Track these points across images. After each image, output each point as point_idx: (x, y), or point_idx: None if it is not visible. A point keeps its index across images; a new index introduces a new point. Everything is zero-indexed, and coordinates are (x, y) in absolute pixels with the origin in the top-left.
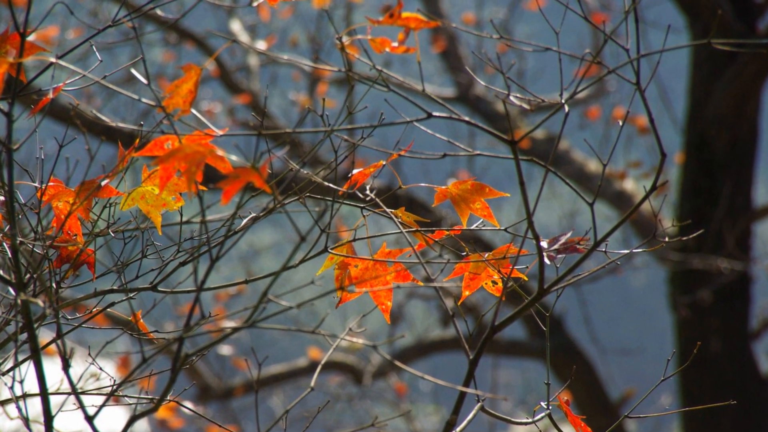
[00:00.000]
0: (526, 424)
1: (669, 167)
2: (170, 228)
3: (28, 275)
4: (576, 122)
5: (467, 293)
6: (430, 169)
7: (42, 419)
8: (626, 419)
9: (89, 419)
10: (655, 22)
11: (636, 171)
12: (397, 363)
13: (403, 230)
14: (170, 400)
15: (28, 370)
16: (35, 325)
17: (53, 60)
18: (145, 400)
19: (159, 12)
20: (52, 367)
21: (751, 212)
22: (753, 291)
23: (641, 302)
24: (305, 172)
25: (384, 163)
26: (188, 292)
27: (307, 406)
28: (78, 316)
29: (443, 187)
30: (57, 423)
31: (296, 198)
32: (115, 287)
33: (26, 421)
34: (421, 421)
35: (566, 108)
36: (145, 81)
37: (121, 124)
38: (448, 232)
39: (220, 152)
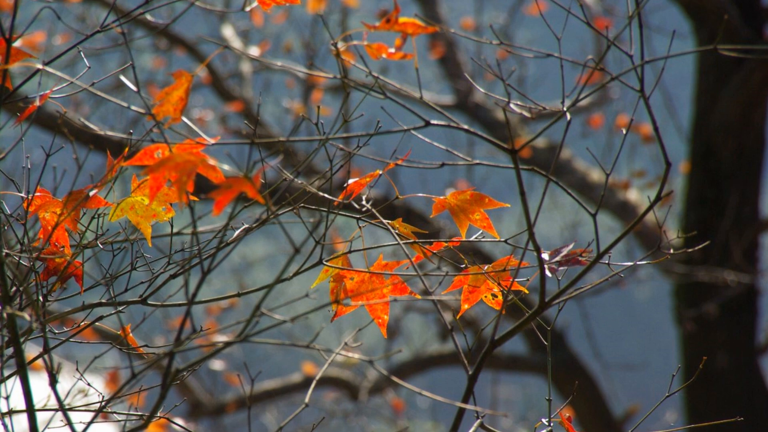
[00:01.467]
0: None
1: (674, 177)
2: (160, 239)
3: (14, 288)
4: (578, 131)
5: (466, 306)
6: (428, 179)
7: None
8: None
9: None
10: (659, 27)
11: (640, 181)
12: (394, 378)
13: (401, 242)
14: (160, 417)
15: (14, 385)
16: (21, 340)
17: (40, 66)
18: (134, 417)
19: (149, 17)
20: (38, 382)
21: (759, 223)
22: (760, 304)
23: (645, 316)
24: (299, 181)
25: (381, 172)
26: (179, 305)
27: (301, 423)
28: (65, 330)
29: (441, 197)
30: None
31: (290, 209)
32: (103, 300)
33: None
34: None
35: (568, 116)
36: (134, 88)
37: (109, 133)
38: (446, 244)
39: (211, 161)
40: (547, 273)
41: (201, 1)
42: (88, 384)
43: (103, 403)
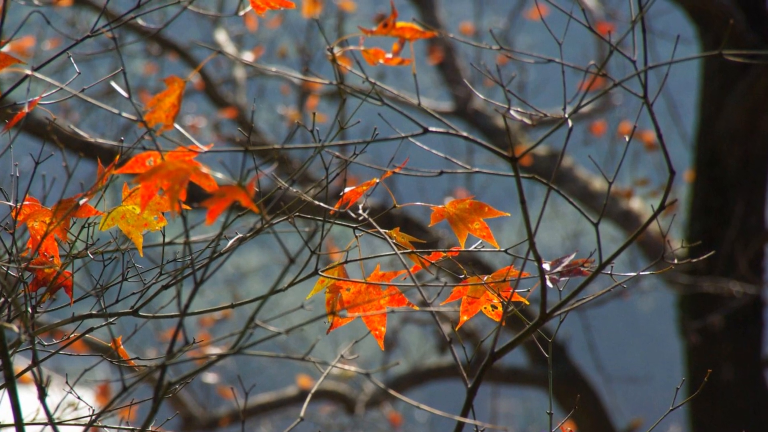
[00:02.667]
0: None
1: (678, 185)
2: (152, 249)
3: (2, 299)
4: (580, 138)
5: (465, 318)
6: (427, 188)
7: None
8: None
9: None
10: (663, 32)
11: (643, 189)
12: (392, 391)
13: (398, 252)
14: (152, 431)
15: (2, 398)
16: (10, 352)
17: (29, 72)
18: (125, 431)
19: (140, 21)
20: (27, 395)
21: (765, 233)
22: (766, 316)
23: (649, 327)
24: (294, 190)
25: (378, 180)
26: (171, 317)
27: None
28: (55, 342)
29: (440, 206)
30: None
31: (285, 218)
32: (94, 312)
33: None
34: None
35: (570, 123)
36: (125, 94)
37: (100, 140)
38: (445, 254)
39: (204, 169)
40: (548, 284)
41: (194, 6)
42: (78, 397)
43: (94, 417)
